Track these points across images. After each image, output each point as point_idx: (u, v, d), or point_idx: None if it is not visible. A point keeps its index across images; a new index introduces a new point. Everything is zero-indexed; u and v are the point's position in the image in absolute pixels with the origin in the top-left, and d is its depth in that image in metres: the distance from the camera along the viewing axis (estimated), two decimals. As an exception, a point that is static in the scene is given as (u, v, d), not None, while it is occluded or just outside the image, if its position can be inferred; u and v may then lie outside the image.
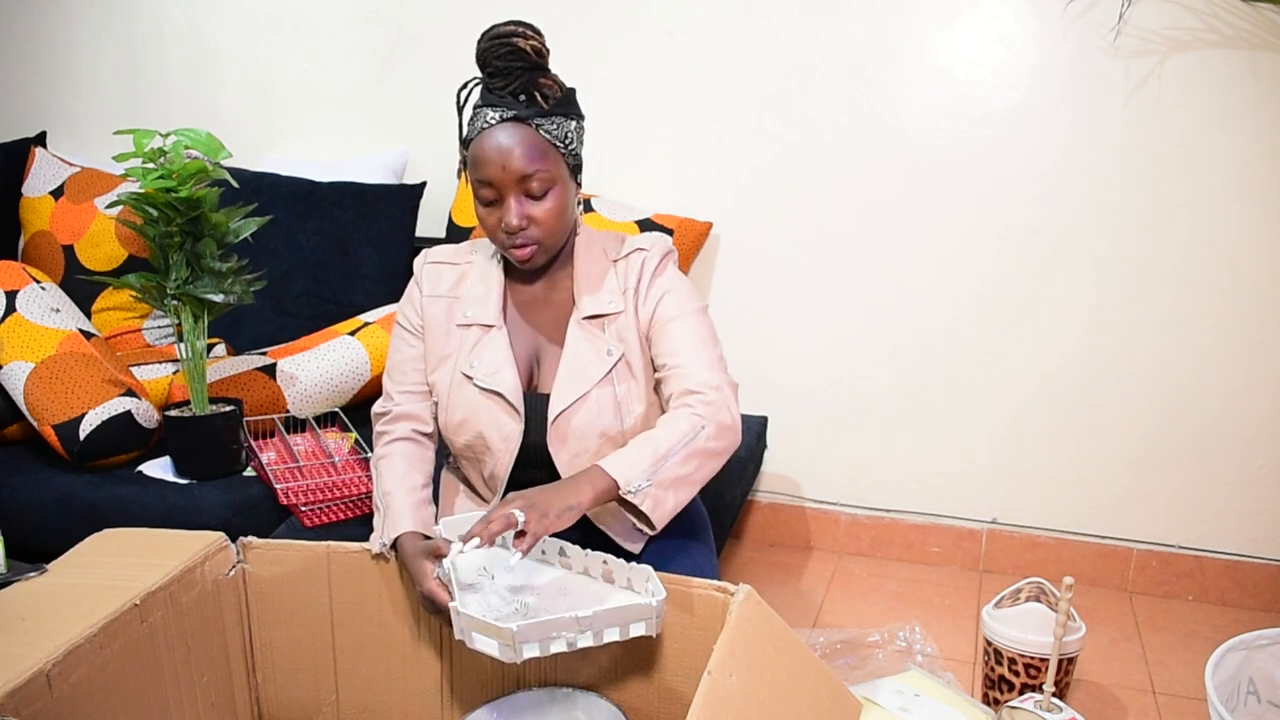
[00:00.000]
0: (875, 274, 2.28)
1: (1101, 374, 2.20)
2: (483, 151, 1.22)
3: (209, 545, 1.23)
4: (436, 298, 1.36)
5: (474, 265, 1.38)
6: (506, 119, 1.22)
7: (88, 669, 1.02)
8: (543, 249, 1.27)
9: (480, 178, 1.24)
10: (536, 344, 1.36)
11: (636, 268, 1.33)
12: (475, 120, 1.25)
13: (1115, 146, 2.08)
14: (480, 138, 1.23)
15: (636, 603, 1.09)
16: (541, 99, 1.23)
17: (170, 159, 1.71)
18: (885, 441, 2.37)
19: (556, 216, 1.25)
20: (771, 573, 2.34)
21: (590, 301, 1.32)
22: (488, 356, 1.32)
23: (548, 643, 1.06)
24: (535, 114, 1.22)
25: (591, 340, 1.31)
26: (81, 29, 2.77)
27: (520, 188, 1.23)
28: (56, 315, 1.92)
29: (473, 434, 1.33)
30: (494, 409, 1.31)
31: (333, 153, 2.59)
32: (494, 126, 1.22)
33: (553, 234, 1.26)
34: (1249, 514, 2.18)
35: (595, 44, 2.32)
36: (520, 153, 1.21)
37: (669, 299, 1.31)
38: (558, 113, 1.24)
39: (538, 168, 1.22)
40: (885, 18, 2.15)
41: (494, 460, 1.33)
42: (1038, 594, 1.76)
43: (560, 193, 1.25)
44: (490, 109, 1.23)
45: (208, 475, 1.78)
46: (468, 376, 1.31)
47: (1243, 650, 1.44)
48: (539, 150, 1.22)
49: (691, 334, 1.29)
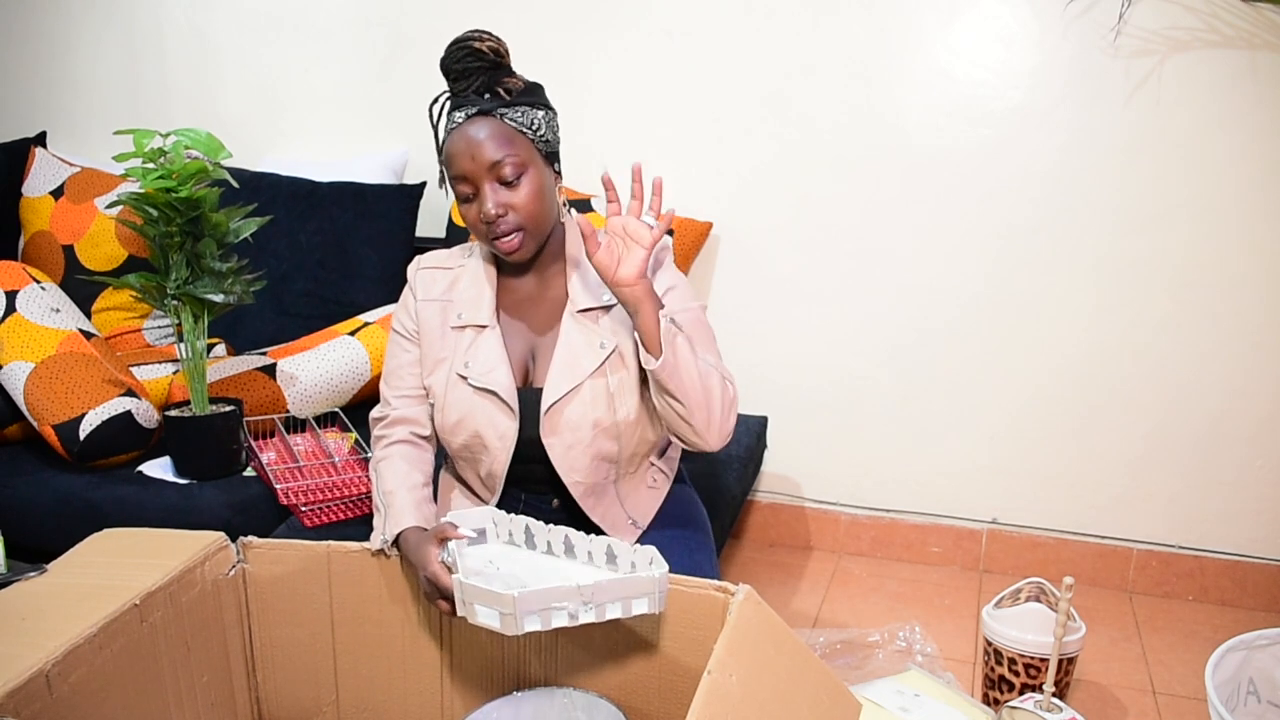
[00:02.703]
0: (875, 274, 2.28)
1: (1101, 374, 2.20)
2: (453, 148, 1.26)
3: (209, 545, 1.23)
4: (430, 301, 1.38)
5: (466, 269, 1.40)
6: (472, 115, 1.26)
7: (88, 669, 1.02)
8: (528, 235, 1.28)
9: (454, 174, 1.27)
10: (531, 341, 1.37)
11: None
12: (446, 124, 1.30)
13: (1115, 146, 2.08)
14: (450, 137, 1.27)
15: (638, 576, 1.10)
16: (505, 93, 1.27)
17: (170, 159, 1.71)
18: (885, 441, 2.37)
19: (534, 200, 1.26)
20: (771, 573, 2.34)
21: (583, 295, 1.34)
22: (482, 356, 1.33)
23: (549, 614, 1.06)
24: (498, 105, 1.26)
25: (585, 333, 1.32)
26: (81, 29, 2.77)
27: (493, 175, 1.25)
28: (56, 315, 1.92)
29: (469, 434, 1.33)
30: (489, 408, 1.32)
31: (333, 153, 2.59)
32: (461, 124, 1.26)
33: (533, 219, 1.27)
34: (1249, 514, 2.18)
35: (595, 44, 2.32)
36: (488, 142, 1.24)
37: (670, 297, 1.31)
38: (522, 103, 1.28)
39: (506, 153, 1.24)
40: (885, 18, 2.15)
41: (491, 459, 1.34)
42: (1038, 594, 1.76)
43: (534, 176, 1.27)
44: (457, 110, 1.28)
45: (208, 475, 1.78)
46: (462, 377, 1.33)
47: (1243, 650, 1.44)
48: (505, 137, 1.25)
49: (693, 333, 1.29)
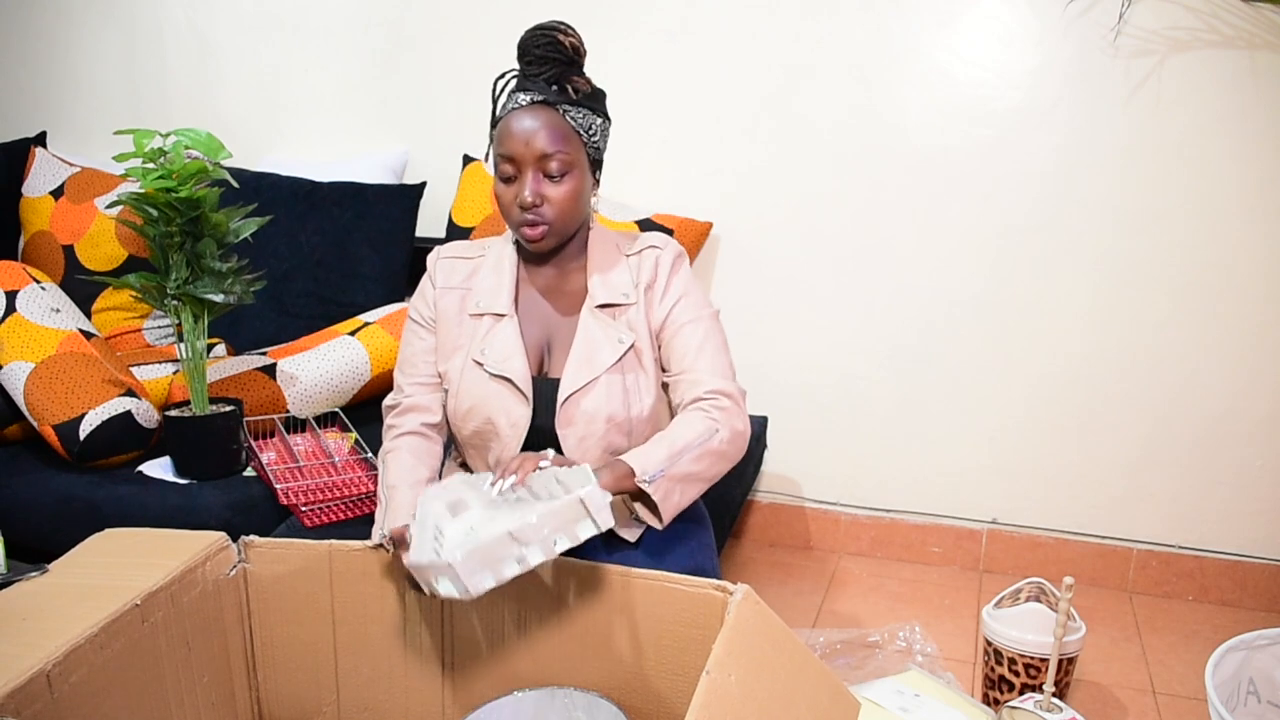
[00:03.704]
0: (875, 274, 2.28)
1: (1102, 374, 2.20)
2: (509, 128, 1.27)
3: (210, 545, 1.23)
4: (450, 289, 1.39)
5: (486, 259, 1.41)
6: (536, 102, 1.27)
7: (88, 669, 1.02)
8: (553, 231, 1.30)
9: (503, 152, 1.28)
10: (547, 331, 1.38)
11: (651, 264, 1.37)
12: (507, 103, 1.30)
13: (1115, 146, 2.08)
14: (509, 116, 1.28)
15: (566, 500, 1.07)
16: (572, 90, 1.29)
17: (170, 159, 1.71)
18: (885, 441, 2.37)
19: (570, 200, 1.29)
20: (771, 573, 2.34)
21: (603, 291, 1.35)
22: (498, 344, 1.34)
23: (499, 566, 1.05)
24: (564, 101, 1.28)
25: (604, 327, 1.33)
26: (81, 29, 2.77)
27: (539, 166, 1.27)
28: (56, 315, 1.92)
29: (481, 420, 1.34)
30: (503, 394, 1.33)
31: (333, 153, 2.59)
32: (523, 107, 1.27)
33: (563, 217, 1.30)
34: (1249, 514, 2.18)
35: (595, 44, 2.29)
36: (544, 133, 1.26)
37: (685, 303, 1.35)
38: (585, 105, 1.30)
39: (559, 149, 1.26)
40: (885, 18, 2.15)
41: (501, 445, 1.34)
42: (1038, 594, 1.76)
43: (577, 178, 1.29)
44: (522, 93, 1.28)
45: (208, 475, 1.78)
46: (478, 363, 1.34)
47: (1243, 650, 1.44)
48: (562, 133, 1.27)
49: (704, 340, 1.33)
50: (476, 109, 2.51)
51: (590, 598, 1.18)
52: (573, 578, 1.19)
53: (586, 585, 1.19)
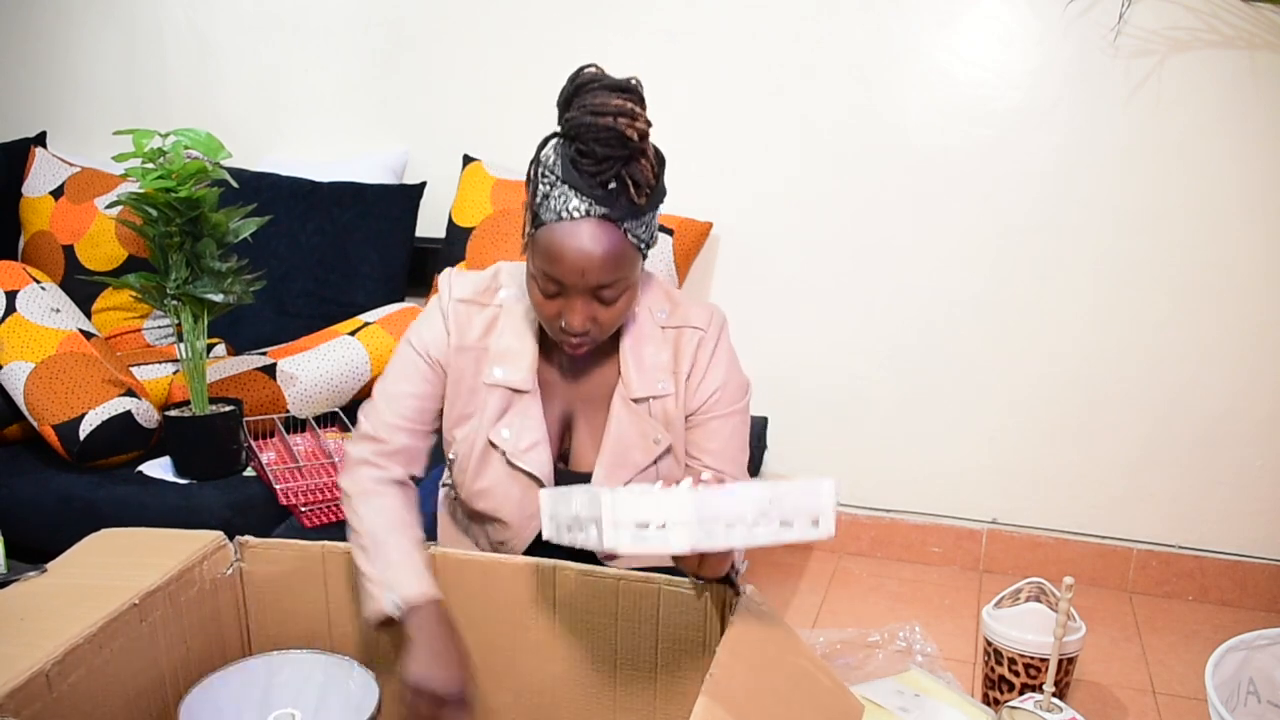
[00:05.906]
0: (875, 274, 2.28)
1: (1101, 374, 2.19)
2: (559, 248, 1.06)
3: (207, 545, 1.23)
4: (465, 350, 1.22)
5: (505, 311, 1.24)
6: (595, 215, 1.06)
7: (87, 669, 1.02)
8: (596, 340, 1.17)
9: (550, 272, 1.09)
10: (571, 411, 1.27)
11: (691, 349, 1.24)
12: (554, 200, 1.07)
13: (1115, 146, 2.08)
14: (558, 230, 1.06)
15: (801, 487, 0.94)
16: (634, 189, 1.06)
17: (170, 159, 1.71)
18: (885, 441, 2.37)
19: (621, 315, 1.15)
20: (771, 573, 2.34)
21: (639, 382, 1.22)
22: (519, 427, 1.22)
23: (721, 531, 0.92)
24: (626, 215, 1.07)
25: (638, 424, 1.22)
26: (81, 29, 2.77)
27: (592, 292, 1.10)
28: (56, 315, 1.92)
29: (491, 506, 1.26)
30: (522, 489, 1.23)
31: (333, 153, 2.59)
32: (577, 221, 1.06)
33: (610, 330, 1.16)
34: (1249, 514, 2.18)
35: (595, 44, 2.32)
36: (602, 262, 1.07)
37: (720, 396, 1.25)
38: (651, 208, 1.10)
39: (617, 276, 1.09)
40: (885, 18, 2.15)
41: (511, 534, 1.27)
42: (1038, 594, 1.76)
43: (630, 295, 1.14)
44: (576, 195, 1.06)
45: (208, 475, 1.78)
46: (495, 446, 1.22)
47: (1243, 650, 1.44)
48: (620, 257, 1.08)
49: (731, 437, 1.27)
50: (476, 109, 2.54)
51: (591, 599, 1.18)
52: (573, 579, 1.19)
53: (587, 586, 1.18)
